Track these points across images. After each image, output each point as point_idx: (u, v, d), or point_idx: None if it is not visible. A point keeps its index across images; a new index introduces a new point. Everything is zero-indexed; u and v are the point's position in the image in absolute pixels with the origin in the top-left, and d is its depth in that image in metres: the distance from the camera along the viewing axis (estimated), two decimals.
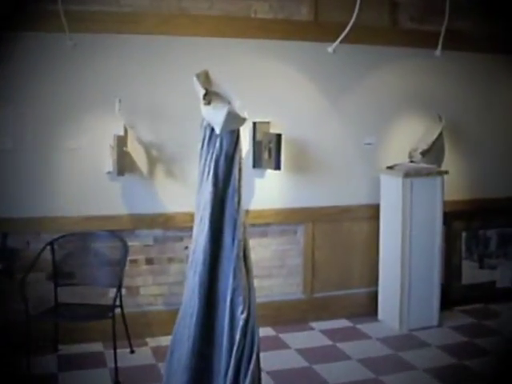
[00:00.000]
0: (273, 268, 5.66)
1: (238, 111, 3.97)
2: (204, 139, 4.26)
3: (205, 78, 4.16)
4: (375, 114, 5.83)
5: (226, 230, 3.99)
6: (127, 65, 5.02)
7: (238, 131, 4.08)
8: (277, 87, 5.43)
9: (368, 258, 5.90)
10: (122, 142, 4.83)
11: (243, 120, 3.95)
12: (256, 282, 5.15)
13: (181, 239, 5.34)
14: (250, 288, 4.09)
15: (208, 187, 4.02)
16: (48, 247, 4.86)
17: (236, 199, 4.01)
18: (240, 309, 3.93)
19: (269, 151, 5.23)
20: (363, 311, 5.86)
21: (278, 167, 5.19)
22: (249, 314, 3.94)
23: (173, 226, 5.25)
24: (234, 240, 3.97)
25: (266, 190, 5.49)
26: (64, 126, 4.93)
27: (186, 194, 4.93)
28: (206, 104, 4.07)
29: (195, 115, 4.04)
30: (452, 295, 6.05)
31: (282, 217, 5.57)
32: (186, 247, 5.15)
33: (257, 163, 5.44)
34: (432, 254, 5.60)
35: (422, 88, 5.97)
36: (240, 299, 3.93)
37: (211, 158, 4.05)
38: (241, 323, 3.88)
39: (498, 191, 6.38)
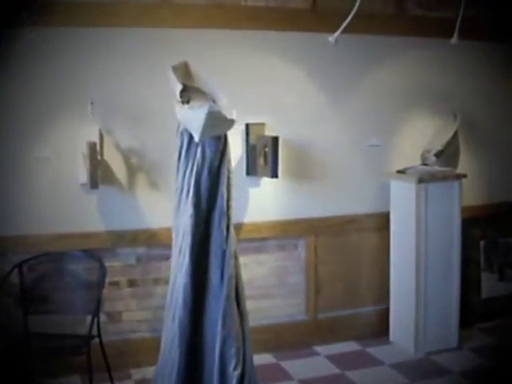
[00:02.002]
0: (271, 287, 5.24)
1: (224, 111, 3.44)
2: (181, 148, 3.73)
3: (184, 71, 3.62)
4: (382, 112, 5.40)
5: (213, 264, 3.50)
6: (103, 62, 4.59)
7: (225, 137, 3.53)
8: (272, 84, 5.04)
9: (377, 273, 5.50)
10: (95, 149, 4.31)
11: (230, 122, 3.42)
12: (252, 304, 4.88)
13: (167, 258, 4.73)
14: (244, 337, 3.56)
15: (187, 209, 3.51)
16: (16, 270, 4.41)
17: (224, 224, 3.54)
18: (232, 364, 3.40)
19: (264, 156, 4.75)
20: (373, 332, 5.47)
21: (274, 174, 4.72)
22: (243, 371, 3.39)
23: (157, 243, 4.81)
24: (222, 277, 3.45)
25: (261, 201, 5.09)
26: (31, 133, 4.49)
27: (171, 207, 4.42)
28: (182, 103, 3.55)
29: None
30: (470, 311, 5.62)
31: (280, 230, 5.17)
32: None
33: (251, 170, 4.98)
34: (450, 267, 5.21)
35: (435, 82, 5.55)
36: (232, 351, 3.41)
37: (191, 171, 3.56)
38: (234, 382, 3.33)
39: None
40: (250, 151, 4.93)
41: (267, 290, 5.20)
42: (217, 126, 3.37)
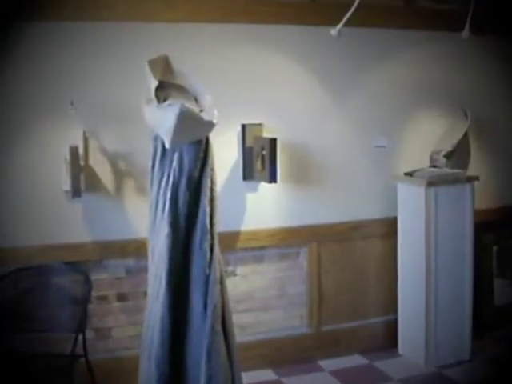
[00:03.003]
0: (271, 298, 5.01)
1: (207, 111, 3.15)
2: (155, 155, 3.42)
3: (163, 66, 3.31)
4: (389, 110, 5.19)
5: (194, 291, 3.20)
6: (88, 59, 4.32)
7: (207, 141, 3.21)
8: (269, 81, 4.81)
9: (384, 282, 5.29)
10: (77, 153, 4.06)
11: (208, 125, 3.11)
12: (252, 317, 4.78)
13: None
14: (233, 375, 3.23)
15: (163, 228, 3.17)
16: None
17: (207, 245, 3.22)
18: None
19: (262, 160, 4.49)
20: (380, 344, 5.27)
21: (273, 179, 4.46)
22: None
23: (147, 253, 4.39)
24: (206, 306, 3.12)
25: (259, 207, 4.86)
26: (9, 137, 4.24)
27: None
28: (158, 102, 3.23)
29: None
30: (483, 319, 5.40)
31: (280, 238, 4.94)
32: None
33: (247, 175, 4.72)
34: (461, 274, 5.02)
35: (444, 79, 5.37)
36: None
37: (166, 183, 3.25)
38: None
39: None
40: (247, 154, 4.68)
41: (267, 302, 4.99)
42: (191, 129, 3.03)
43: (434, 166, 5.17)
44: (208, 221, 3.22)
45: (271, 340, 4.95)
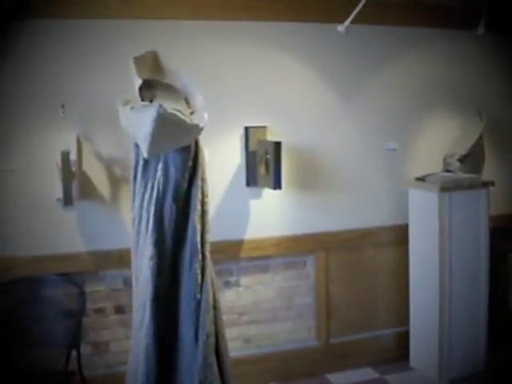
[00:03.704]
0: (277, 310, 4.85)
1: (198, 113, 2.95)
2: (137, 164, 3.21)
3: (151, 64, 3.11)
4: (399, 112, 5.02)
5: (184, 319, 2.97)
6: (81, 58, 4.15)
7: (197, 147, 3.02)
8: (274, 82, 4.63)
9: (396, 292, 5.13)
10: (69, 159, 3.88)
11: (195, 129, 2.86)
12: (257, 329, 4.62)
13: None
14: None
15: (147, 249, 2.93)
16: None
17: (198, 266, 2.98)
18: None
19: (266, 164, 4.25)
20: (392, 357, 5.10)
21: (277, 185, 4.24)
22: None
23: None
24: (197, 336, 2.88)
25: (264, 214, 4.68)
26: None
27: None
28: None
29: None
30: (496, 329, 5.21)
31: (286, 246, 4.75)
32: None
33: (251, 180, 4.52)
34: (476, 283, 4.86)
35: (458, 79, 5.21)
36: None
37: (150, 196, 3.01)
38: None
39: None
40: (250, 158, 4.48)
41: (273, 314, 4.83)
42: (173, 134, 2.75)
43: (447, 171, 5.03)
44: (198, 239, 2.98)
45: (277, 353, 4.79)
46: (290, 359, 4.81)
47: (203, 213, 3.06)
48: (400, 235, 4.96)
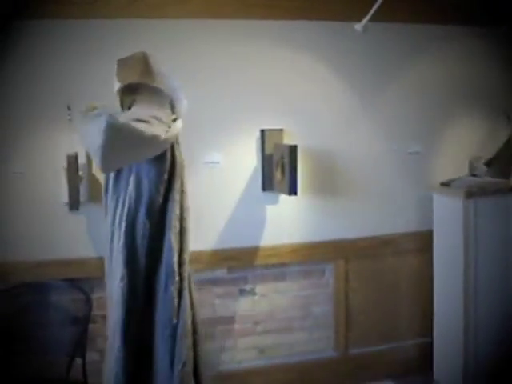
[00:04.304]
0: (294, 319, 4.67)
1: (180, 118, 2.91)
2: (108, 178, 3.00)
3: (142, 66, 2.93)
4: (422, 113, 4.80)
5: (159, 346, 2.75)
6: (88, 59, 4.02)
7: (174, 158, 2.85)
8: (290, 83, 4.44)
9: (418, 301, 4.92)
10: (75, 162, 3.76)
11: (154, 140, 2.63)
12: (272, 339, 4.46)
13: None
14: None
15: (118, 269, 2.75)
16: None
17: (175, 288, 2.76)
18: None
19: (282, 169, 4.05)
20: (414, 369, 4.88)
21: (293, 191, 4.05)
22: None
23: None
24: (172, 364, 2.70)
25: (281, 220, 4.50)
26: (4, 144, 3.97)
27: None
28: (122, 108, 2.87)
29: (183, 121, 3.21)
30: None
31: (303, 254, 4.58)
32: None
33: (267, 185, 4.35)
34: (504, 293, 4.61)
35: (483, 79, 4.94)
36: None
37: (122, 212, 2.81)
38: None
39: None
40: (266, 162, 4.32)
41: (290, 323, 4.66)
42: (130, 147, 2.53)
43: (473, 175, 4.84)
44: (175, 259, 2.75)
45: (293, 364, 4.63)
46: (306, 370, 4.66)
47: (182, 230, 2.84)
48: (424, 242, 4.76)
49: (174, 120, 3.01)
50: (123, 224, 2.70)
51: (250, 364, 4.42)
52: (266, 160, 4.29)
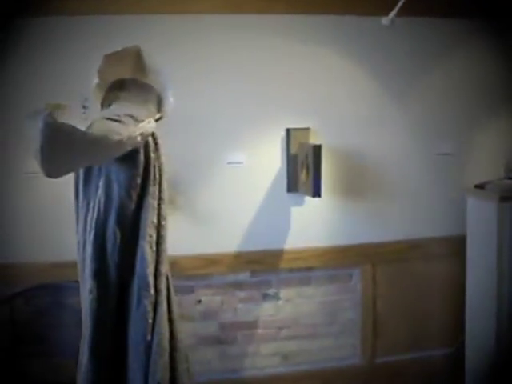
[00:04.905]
0: (319, 326, 4.53)
1: (163, 117, 2.77)
2: (77, 180, 2.83)
3: (135, 61, 2.80)
4: (454, 112, 4.59)
5: (130, 364, 2.55)
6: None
7: (148, 160, 2.64)
8: (316, 80, 4.29)
9: (449, 309, 4.71)
10: None
11: (105, 143, 2.37)
12: (296, 345, 4.33)
13: (191, 290, 4.27)
14: None
15: (87, 281, 2.58)
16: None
17: (149, 303, 2.55)
18: None
19: (306, 169, 3.91)
20: (444, 380, 4.69)
21: (316, 193, 3.88)
22: None
23: (179, 273, 4.06)
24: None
25: (306, 223, 4.35)
26: (19, 144, 3.83)
27: (194, 232, 4.11)
28: (101, 107, 2.76)
29: (205, 120, 3.63)
30: None
31: (330, 258, 4.43)
32: (199, 301, 4.25)
33: (292, 186, 4.21)
34: None
35: None
36: None
37: (91, 218, 2.63)
38: None
39: None
40: (291, 162, 4.17)
41: (315, 329, 4.52)
42: (79, 150, 2.27)
43: (509, 178, 4.62)
44: (149, 270, 2.52)
45: (318, 371, 4.49)
46: (330, 378, 4.52)
47: (159, 238, 2.62)
48: (455, 247, 4.55)
49: (158, 119, 2.85)
50: (92, 232, 2.51)
51: (273, 370, 4.33)
52: (290, 160, 4.16)
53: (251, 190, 4.15)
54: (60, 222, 3.92)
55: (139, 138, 2.52)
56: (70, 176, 3.77)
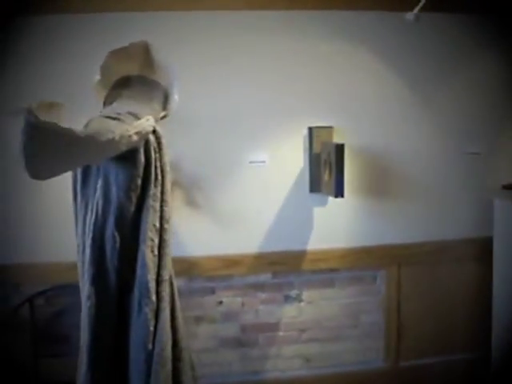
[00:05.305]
0: (342, 328, 4.40)
1: (166, 114, 2.69)
2: (75, 181, 2.70)
3: (143, 57, 2.72)
4: (483, 111, 4.39)
5: (132, 374, 2.43)
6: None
7: (148, 160, 2.50)
8: (339, 77, 4.14)
9: (476, 312, 4.54)
10: None
11: (92, 143, 2.18)
12: (318, 348, 4.23)
13: (212, 291, 4.18)
14: None
15: (85, 287, 2.47)
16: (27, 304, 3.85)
17: (150, 310, 2.43)
18: None
19: (329, 169, 3.77)
20: None
21: (339, 193, 3.74)
22: None
23: (200, 273, 4.08)
24: None
25: (329, 223, 4.22)
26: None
27: (215, 232, 4.02)
28: (104, 104, 2.65)
29: (226, 119, 3.58)
30: None
31: (353, 259, 4.29)
32: (220, 302, 4.17)
33: (315, 186, 4.08)
34: None
35: None
36: None
37: (90, 221, 2.50)
38: None
39: None
40: (314, 162, 4.04)
41: (338, 332, 4.38)
42: (66, 151, 2.08)
43: None
44: (151, 276, 2.40)
45: (340, 375, 4.35)
46: (353, 382, 4.38)
47: (162, 243, 2.48)
48: (483, 249, 4.39)
49: (163, 117, 2.74)
50: (90, 235, 2.39)
51: (295, 373, 4.22)
52: (313, 159, 4.03)
53: (273, 189, 4.04)
54: None
55: (135, 137, 2.36)
56: None
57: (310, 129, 4.01)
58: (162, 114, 2.75)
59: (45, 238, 3.90)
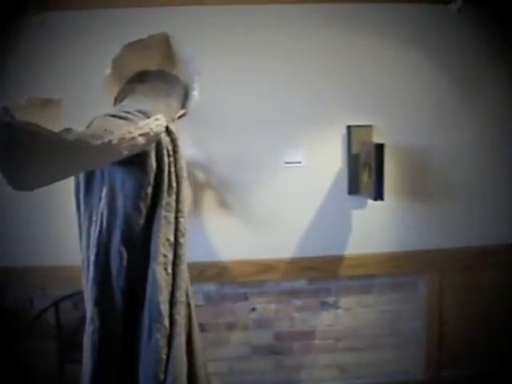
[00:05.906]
0: (380, 336, 4.19)
1: (186, 109, 2.42)
2: (78, 190, 2.42)
3: (163, 50, 2.51)
4: None
5: None
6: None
7: (160, 166, 2.20)
8: (379, 73, 3.92)
9: None
10: None
11: (87, 145, 1.83)
12: (355, 357, 4.07)
13: (244, 297, 4.02)
14: None
15: (87, 308, 2.19)
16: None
17: (160, 336, 2.13)
18: None
19: (368, 170, 3.57)
20: None
21: (378, 196, 3.52)
22: None
23: (232, 279, 3.91)
24: None
25: (368, 227, 4.01)
26: None
27: (248, 236, 3.85)
28: (114, 101, 2.45)
29: (262, 118, 3.45)
30: None
31: (393, 265, 4.07)
32: (253, 309, 4.01)
33: (353, 188, 3.88)
34: None
35: None
36: None
37: (94, 234, 2.22)
38: None
39: None
40: (353, 162, 3.85)
41: (376, 340, 4.18)
42: (54, 156, 1.76)
43: None
44: (162, 298, 2.09)
45: None
46: None
47: (176, 259, 2.17)
48: None
49: (181, 116, 2.48)
50: (94, 251, 2.10)
51: (330, 383, 4.06)
52: (352, 160, 3.83)
53: (310, 191, 3.85)
54: None
55: (141, 140, 2.05)
56: None
57: (349, 127, 3.81)
58: (181, 112, 2.49)
59: (72, 239, 3.68)
